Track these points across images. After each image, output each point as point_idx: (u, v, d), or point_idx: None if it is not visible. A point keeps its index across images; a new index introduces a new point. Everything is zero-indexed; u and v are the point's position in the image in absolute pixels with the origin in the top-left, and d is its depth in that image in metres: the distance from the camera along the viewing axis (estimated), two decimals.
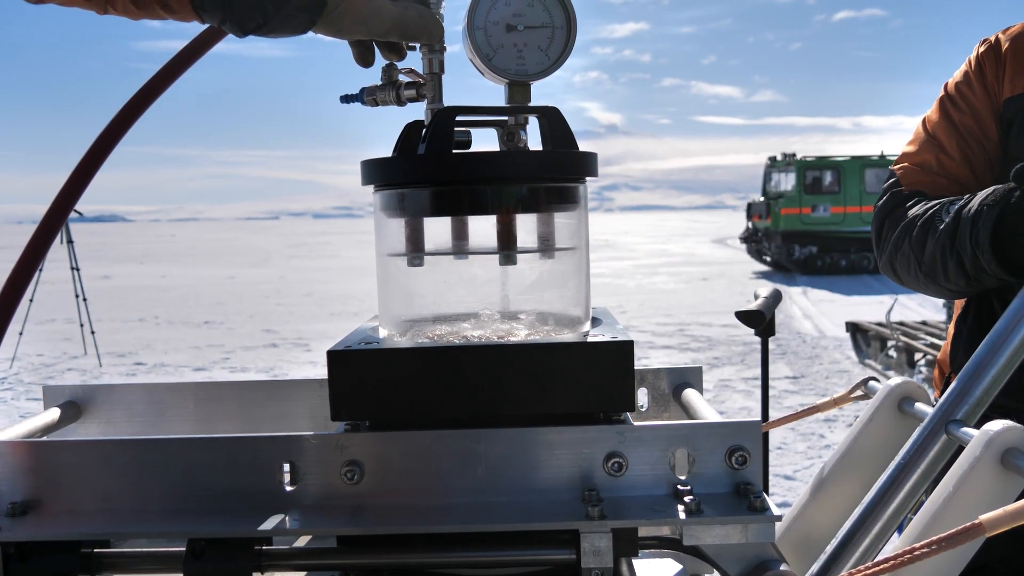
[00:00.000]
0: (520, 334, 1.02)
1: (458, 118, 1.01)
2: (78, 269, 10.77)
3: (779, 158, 23.60)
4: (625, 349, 0.96)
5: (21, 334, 10.78)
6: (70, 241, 10.53)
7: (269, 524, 0.89)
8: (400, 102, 1.07)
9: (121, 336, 12.76)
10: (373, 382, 0.96)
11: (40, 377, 9.98)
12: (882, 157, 22.43)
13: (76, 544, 0.91)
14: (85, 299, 10.91)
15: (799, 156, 22.87)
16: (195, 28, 1.04)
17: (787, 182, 23.08)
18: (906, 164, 1.63)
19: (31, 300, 10.63)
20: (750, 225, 24.35)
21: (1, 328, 0.99)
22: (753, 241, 24.30)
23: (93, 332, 10.82)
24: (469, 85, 1.06)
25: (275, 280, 23.52)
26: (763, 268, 24.22)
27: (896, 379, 1.29)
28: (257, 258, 35.94)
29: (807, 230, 22.20)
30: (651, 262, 28.62)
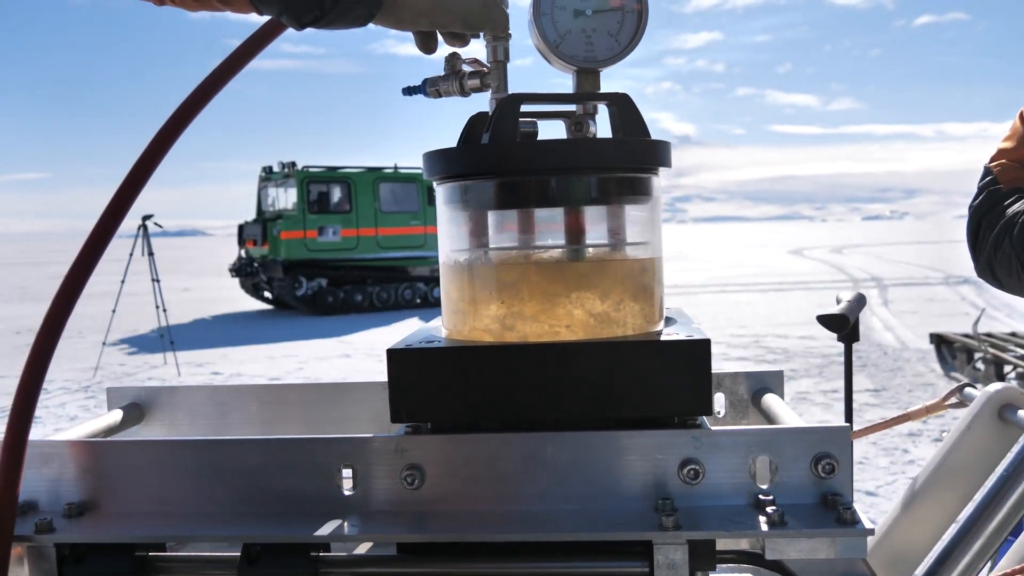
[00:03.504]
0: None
1: (524, 107, 0.97)
2: (159, 281, 11.05)
3: (276, 168, 17.93)
4: (702, 348, 0.91)
5: (104, 344, 11.11)
6: (151, 254, 10.81)
7: (326, 529, 0.86)
8: (464, 92, 1.04)
9: (200, 347, 13.05)
10: (434, 382, 0.91)
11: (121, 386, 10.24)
12: (395, 170, 18.40)
13: (131, 547, 0.89)
14: (165, 310, 11.19)
15: (300, 166, 17.69)
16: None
17: (287, 199, 18.00)
18: (1004, 161, 1.52)
19: (114, 311, 10.99)
20: (243, 254, 18.27)
21: (64, 316, 0.96)
22: (247, 274, 18.11)
23: (172, 343, 11.08)
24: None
25: None
26: (264, 307, 19.14)
27: (996, 385, 1.20)
28: None
29: (314, 258, 17.42)
30: (725, 273, 28.09)
